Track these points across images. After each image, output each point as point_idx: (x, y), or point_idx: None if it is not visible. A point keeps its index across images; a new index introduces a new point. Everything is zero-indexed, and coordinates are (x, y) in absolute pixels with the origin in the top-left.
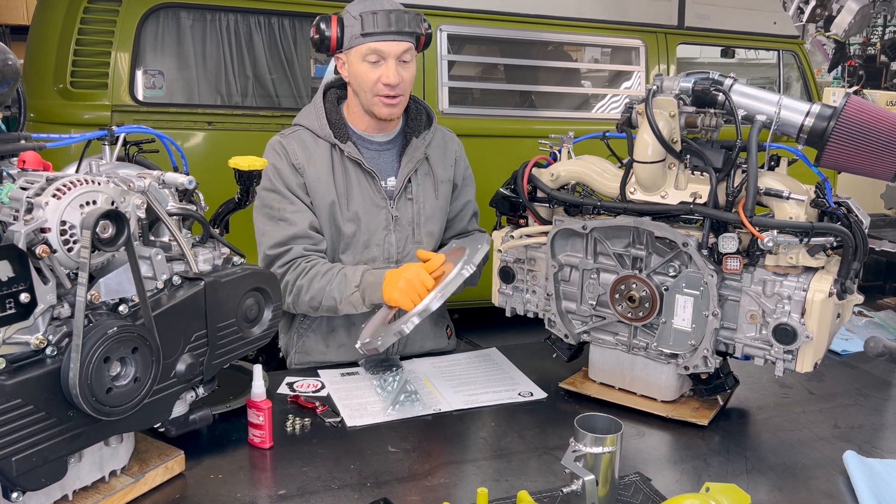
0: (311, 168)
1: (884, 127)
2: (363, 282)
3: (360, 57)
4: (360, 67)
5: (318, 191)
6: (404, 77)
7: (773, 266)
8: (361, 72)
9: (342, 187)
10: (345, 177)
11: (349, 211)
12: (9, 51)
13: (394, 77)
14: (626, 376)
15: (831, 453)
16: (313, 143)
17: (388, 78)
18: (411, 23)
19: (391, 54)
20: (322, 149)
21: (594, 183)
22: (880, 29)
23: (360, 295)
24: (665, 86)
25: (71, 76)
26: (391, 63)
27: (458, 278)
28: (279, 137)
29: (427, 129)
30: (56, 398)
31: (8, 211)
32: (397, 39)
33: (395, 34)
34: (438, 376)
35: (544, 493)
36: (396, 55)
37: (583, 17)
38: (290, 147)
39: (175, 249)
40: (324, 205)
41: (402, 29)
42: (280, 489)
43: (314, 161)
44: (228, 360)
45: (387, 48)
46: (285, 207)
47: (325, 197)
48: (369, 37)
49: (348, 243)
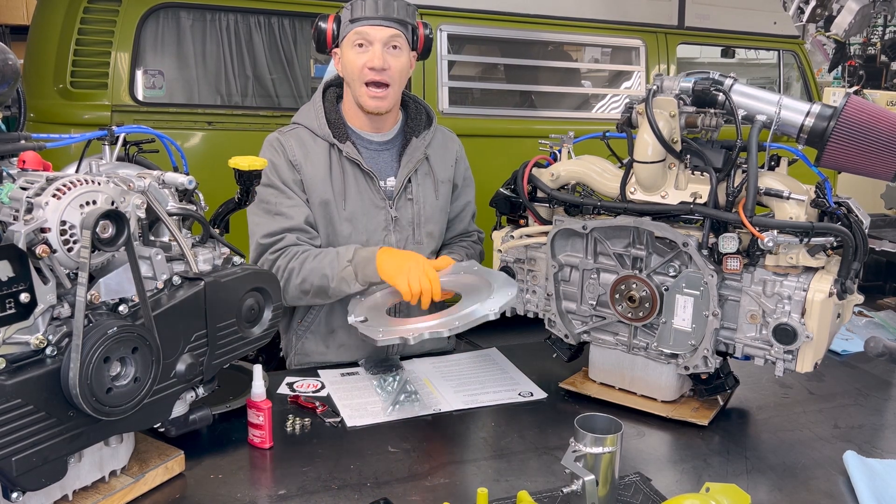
0: (308, 166)
1: (884, 127)
2: (356, 256)
3: (350, 44)
4: (349, 54)
5: (314, 189)
6: (392, 64)
7: (774, 266)
8: (349, 59)
9: (339, 187)
10: (342, 177)
11: (345, 211)
12: (9, 51)
13: (378, 61)
14: (626, 376)
15: (831, 453)
16: (311, 142)
17: (373, 62)
18: (400, 10)
19: (377, 39)
20: (320, 148)
21: (594, 183)
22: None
23: (353, 269)
24: (665, 86)
25: (71, 76)
26: (377, 47)
27: (481, 318)
28: (277, 134)
29: (427, 128)
30: (56, 398)
31: (8, 211)
32: (384, 25)
33: (381, 19)
34: (438, 376)
35: (544, 493)
36: (383, 40)
37: (583, 17)
38: (288, 144)
39: (175, 249)
40: (319, 203)
41: (390, 15)
42: (280, 489)
43: (311, 159)
44: (228, 360)
45: (373, 31)
46: (281, 202)
47: (321, 196)
48: (357, 22)
49: (346, 244)
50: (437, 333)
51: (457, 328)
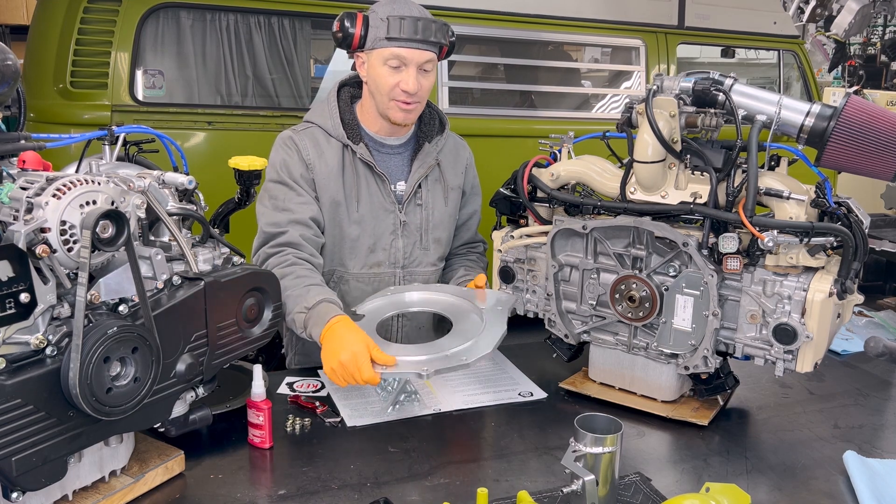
0: (320, 166)
1: (884, 127)
2: (315, 308)
3: (382, 60)
4: (381, 70)
5: (325, 189)
6: (423, 85)
7: (774, 266)
8: (381, 75)
9: (351, 189)
10: (354, 178)
11: (356, 213)
12: (9, 51)
13: (413, 85)
14: (626, 376)
15: (831, 453)
16: (325, 142)
17: (408, 85)
18: (437, 33)
19: (413, 61)
20: (334, 148)
21: (594, 183)
22: (880, 29)
23: (305, 318)
24: (665, 86)
25: (71, 76)
26: (412, 70)
27: (458, 366)
28: (291, 133)
29: (439, 134)
30: (56, 398)
31: (8, 211)
32: (421, 48)
33: (420, 42)
34: (438, 376)
35: (544, 493)
36: (418, 63)
37: (583, 17)
38: (302, 143)
39: (175, 249)
40: (329, 204)
41: (428, 38)
42: (280, 489)
43: (325, 159)
44: (228, 360)
45: (410, 55)
46: (291, 198)
47: (333, 196)
48: (394, 41)
49: (353, 247)
50: (424, 373)
51: (431, 373)
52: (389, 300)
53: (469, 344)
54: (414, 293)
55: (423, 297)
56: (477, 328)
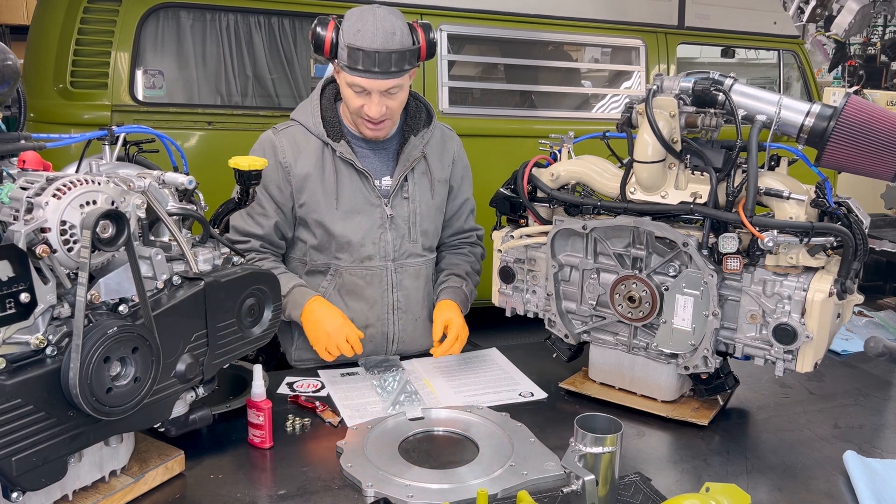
0: (297, 167)
1: (884, 127)
2: (290, 294)
3: (346, 83)
4: (346, 91)
5: (305, 188)
6: (390, 106)
7: (774, 266)
8: (347, 95)
9: (331, 186)
10: (335, 175)
11: (339, 210)
12: (9, 51)
13: (375, 112)
14: (626, 376)
15: (831, 453)
16: (304, 140)
17: (370, 112)
18: (398, 63)
19: (375, 89)
20: (312, 146)
21: (594, 183)
22: (880, 29)
23: (283, 303)
24: (665, 86)
25: (71, 76)
26: (374, 97)
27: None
28: (271, 132)
29: (426, 127)
30: (56, 398)
31: (8, 211)
32: (381, 78)
33: (379, 73)
34: (438, 376)
35: (544, 493)
36: (381, 90)
37: (583, 16)
38: (280, 145)
39: (175, 249)
40: (311, 202)
41: (387, 70)
42: (280, 489)
43: (303, 158)
44: (228, 360)
45: (370, 85)
46: (255, 210)
47: (313, 194)
48: (354, 71)
49: (342, 243)
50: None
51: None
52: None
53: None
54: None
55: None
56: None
